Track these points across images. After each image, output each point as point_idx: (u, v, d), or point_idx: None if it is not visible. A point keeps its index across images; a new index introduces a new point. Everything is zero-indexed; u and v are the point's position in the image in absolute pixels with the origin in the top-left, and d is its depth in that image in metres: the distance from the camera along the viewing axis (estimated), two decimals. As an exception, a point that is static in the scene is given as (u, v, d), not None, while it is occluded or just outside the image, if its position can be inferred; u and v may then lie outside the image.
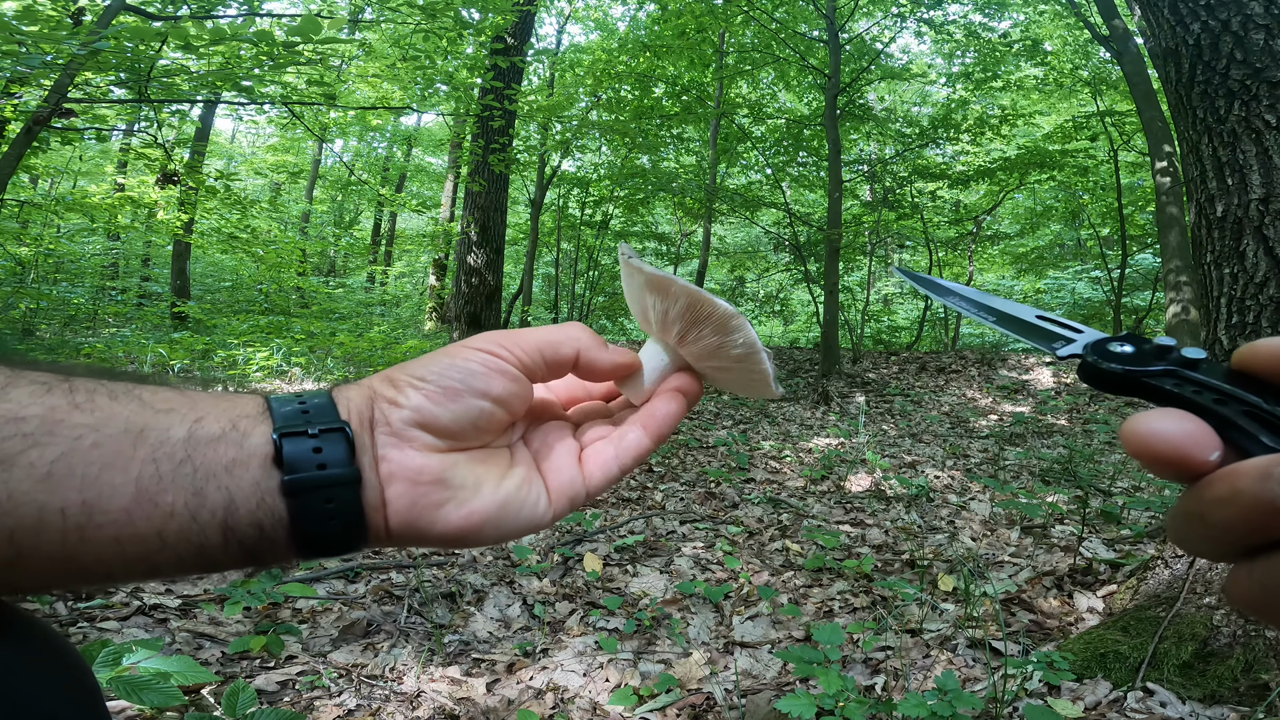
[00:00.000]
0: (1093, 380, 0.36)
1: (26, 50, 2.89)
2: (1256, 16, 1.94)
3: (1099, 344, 0.37)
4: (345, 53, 7.45)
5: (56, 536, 0.33)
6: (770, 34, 10.30)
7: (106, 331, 9.56)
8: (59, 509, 0.33)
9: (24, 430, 0.33)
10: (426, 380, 0.41)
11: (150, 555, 0.35)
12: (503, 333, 0.45)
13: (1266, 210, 1.88)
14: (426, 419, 0.40)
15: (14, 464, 0.32)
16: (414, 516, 0.40)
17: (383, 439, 0.40)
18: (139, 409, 0.36)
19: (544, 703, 1.71)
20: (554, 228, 14.37)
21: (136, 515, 0.34)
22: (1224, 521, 0.26)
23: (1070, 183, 11.05)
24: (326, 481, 0.37)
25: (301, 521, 0.37)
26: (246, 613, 1.99)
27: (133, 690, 1.20)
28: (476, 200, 7.49)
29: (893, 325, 15.28)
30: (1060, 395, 7.42)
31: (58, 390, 0.35)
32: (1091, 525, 3.08)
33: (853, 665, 1.91)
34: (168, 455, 0.35)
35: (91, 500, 0.33)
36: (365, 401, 0.41)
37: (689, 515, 3.31)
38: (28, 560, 0.33)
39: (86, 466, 0.34)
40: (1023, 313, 0.45)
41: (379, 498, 0.39)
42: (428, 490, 0.40)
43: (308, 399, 0.40)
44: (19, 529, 0.33)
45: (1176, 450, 0.28)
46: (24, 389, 0.34)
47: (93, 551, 0.34)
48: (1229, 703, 1.59)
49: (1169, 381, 0.32)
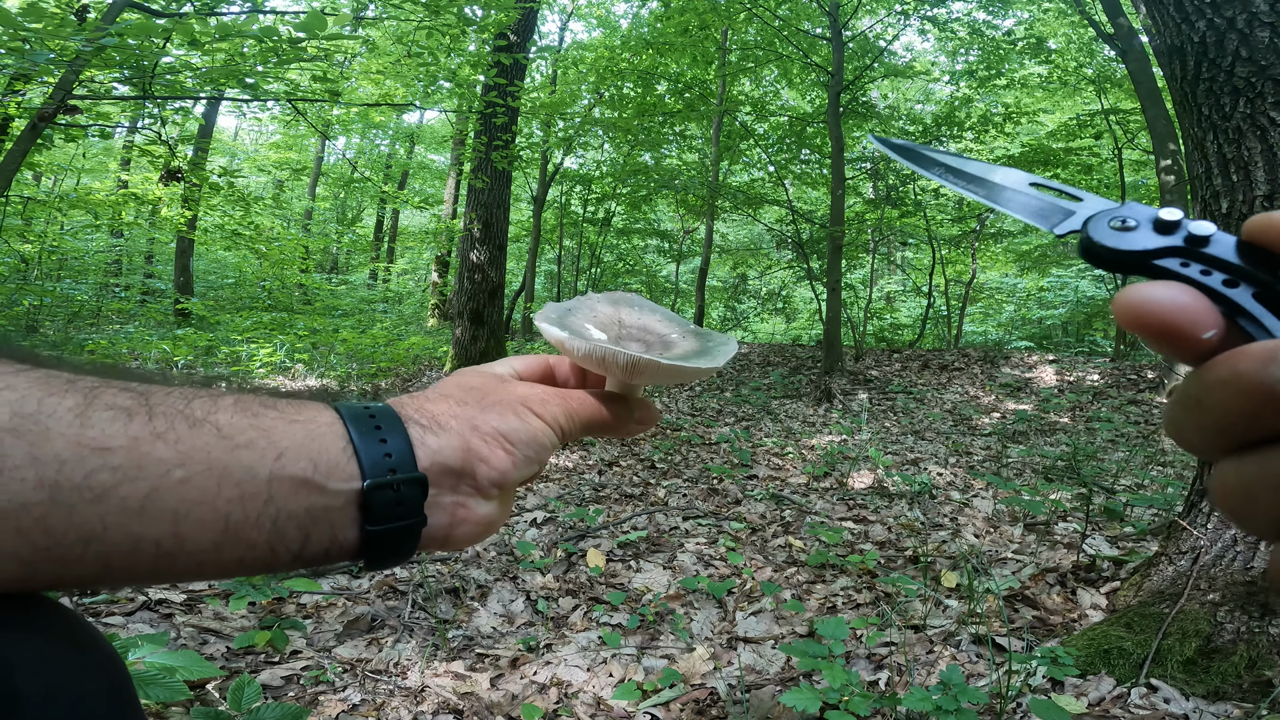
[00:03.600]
0: (1093, 259, 0.33)
1: (31, 47, 2.89)
2: (1262, 14, 1.93)
3: (1099, 217, 0.34)
4: (349, 49, 7.44)
5: (148, 561, 0.35)
6: (773, 31, 10.28)
7: (110, 328, 9.58)
8: (154, 540, 0.35)
9: (112, 464, 0.33)
10: (515, 447, 0.45)
11: (225, 572, 0.38)
12: (562, 409, 0.49)
13: (1271, 206, 1.88)
14: (507, 481, 0.44)
15: (107, 498, 0.33)
16: (462, 545, 0.45)
17: (468, 490, 0.43)
18: (218, 442, 0.37)
19: (548, 698, 1.71)
20: (556, 225, 14.37)
21: (224, 547, 0.36)
22: (1221, 405, 0.25)
23: (1074, 181, 11.02)
24: (401, 530, 0.40)
25: (367, 553, 0.40)
26: (251, 608, 2.00)
27: (138, 685, 1.20)
28: (479, 197, 7.49)
29: (895, 323, 15.26)
30: (1063, 393, 7.41)
31: (138, 417, 0.35)
32: (1094, 522, 3.08)
33: (856, 661, 1.91)
34: (253, 495, 0.37)
35: (184, 534, 0.35)
36: (457, 454, 0.43)
37: (692, 511, 3.32)
38: (115, 576, 0.35)
39: (178, 503, 0.35)
40: (1017, 181, 0.41)
41: (444, 534, 0.43)
42: (484, 530, 0.45)
43: (385, 427, 0.41)
44: (114, 554, 0.34)
45: (1167, 322, 0.26)
46: (104, 414, 0.35)
47: (176, 571, 0.37)
48: (1232, 699, 1.59)
49: (1175, 261, 0.30)
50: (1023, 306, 14.42)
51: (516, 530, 2.88)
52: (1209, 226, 0.30)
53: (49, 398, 0.34)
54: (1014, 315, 14.44)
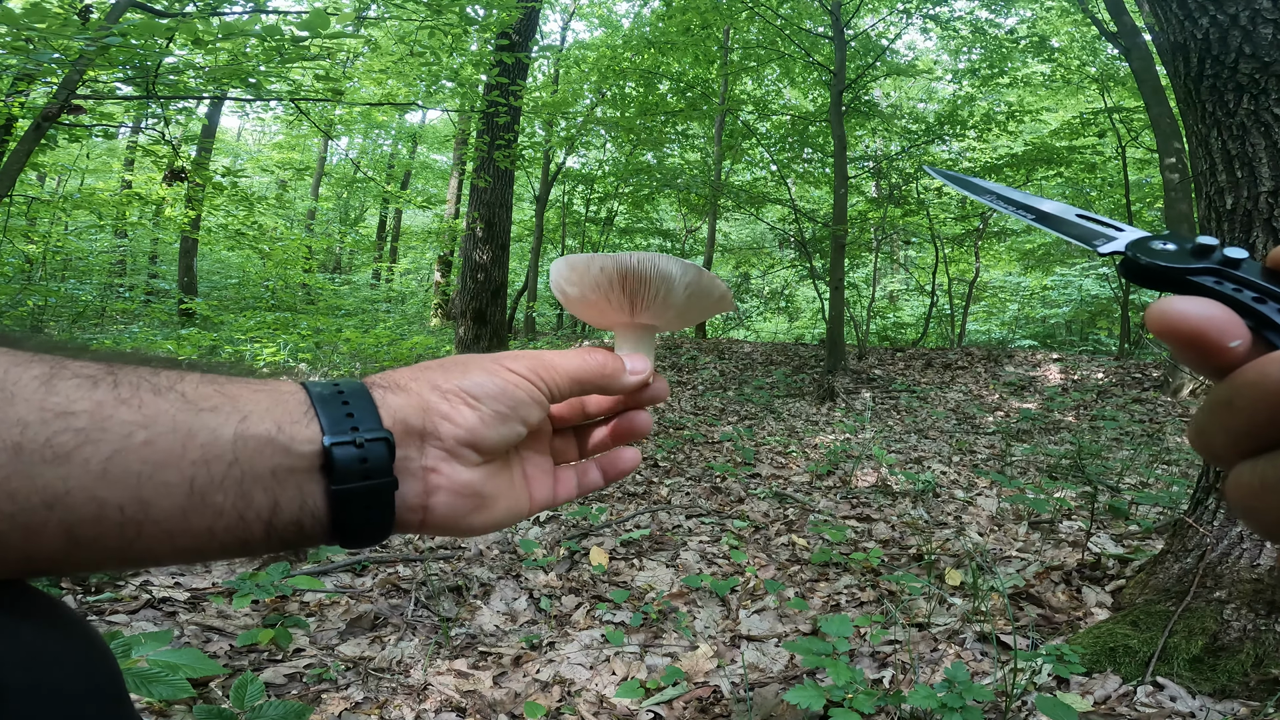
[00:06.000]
0: (1134, 276, 0.36)
1: (35, 47, 2.90)
2: (1265, 11, 1.92)
3: (1141, 241, 0.37)
4: (352, 49, 7.45)
5: (114, 530, 0.34)
6: (775, 30, 10.27)
7: (114, 328, 9.60)
8: (117, 505, 0.34)
9: (75, 425, 0.33)
10: (480, 401, 0.43)
11: (199, 547, 0.37)
12: (538, 360, 0.47)
13: (1276, 203, 1.87)
14: (478, 439, 0.43)
15: (70, 459, 0.33)
16: (448, 521, 0.43)
17: (434, 452, 0.42)
18: (183, 406, 0.36)
19: (551, 695, 1.71)
20: (559, 224, 14.38)
21: (190, 513, 0.36)
22: (1250, 406, 0.26)
23: (1078, 179, 10.99)
24: (369, 490, 0.39)
25: (340, 522, 0.39)
26: (254, 606, 2.00)
27: (142, 683, 1.20)
28: (482, 196, 7.49)
29: (898, 321, 15.23)
30: (1068, 392, 7.39)
31: (103, 384, 0.35)
32: (1099, 520, 3.07)
33: (860, 658, 1.91)
34: (218, 456, 0.36)
35: (148, 498, 0.35)
36: (416, 411, 0.42)
37: (695, 510, 3.31)
38: (86, 550, 0.34)
39: (141, 465, 0.34)
40: (1064, 211, 0.45)
41: (420, 502, 0.42)
42: (467, 500, 0.43)
43: (348, 393, 0.41)
44: (78, 523, 0.33)
45: (1196, 330, 0.28)
46: (69, 381, 0.35)
47: (146, 544, 0.35)
48: (1239, 697, 1.59)
49: (1210, 279, 0.33)
50: (1026, 305, 14.39)
51: (519, 528, 2.88)
52: (1242, 252, 0.33)
53: (14, 368, 0.34)
54: (1018, 314, 14.41)
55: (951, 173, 0.55)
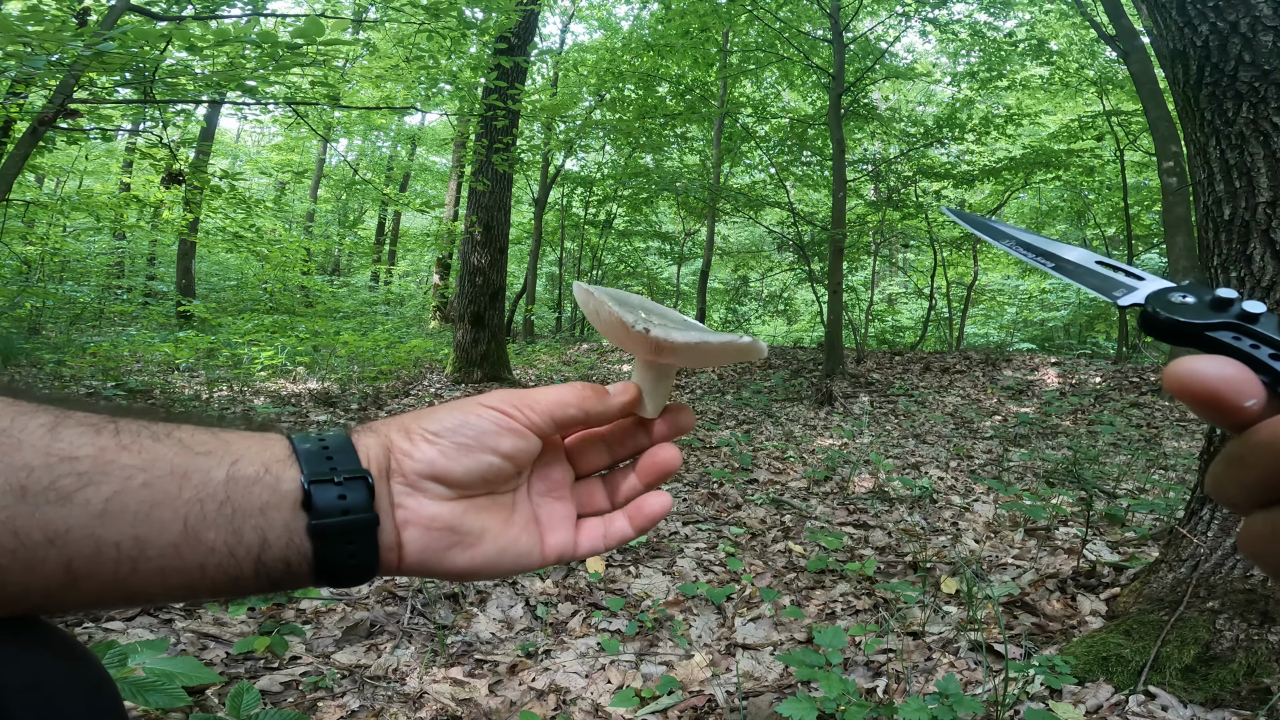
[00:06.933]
0: (1153, 330, 0.36)
1: (32, 50, 2.90)
2: (1265, 19, 1.93)
3: (1160, 294, 0.37)
4: (350, 52, 7.46)
5: (110, 566, 0.36)
6: (774, 33, 10.28)
7: (112, 330, 9.59)
8: (114, 542, 0.36)
9: (78, 469, 0.36)
10: (440, 436, 0.44)
11: (191, 584, 0.39)
12: (515, 393, 0.47)
13: (1274, 214, 1.87)
14: (439, 472, 0.44)
15: (71, 500, 0.35)
16: (425, 558, 0.44)
17: (399, 488, 0.43)
18: (180, 450, 0.39)
19: (546, 704, 1.71)
20: (558, 227, 14.39)
21: (184, 550, 0.38)
22: (1263, 464, 0.27)
23: (1076, 182, 11.02)
24: (349, 526, 0.40)
25: (324, 559, 0.41)
26: (251, 613, 2.00)
27: (138, 691, 1.21)
28: (480, 199, 7.50)
29: (897, 325, 15.26)
30: (1065, 396, 7.40)
31: (105, 431, 0.38)
32: (1095, 527, 3.07)
33: (854, 668, 1.91)
34: (210, 495, 0.38)
35: (144, 535, 0.37)
36: (382, 451, 0.44)
37: (692, 516, 3.32)
38: (82, 585, 0.36)
39: (139, 504, 0.37)
40: (1083, 258, 0.45)
41: (395, 539, 0.43)
42: (440, 535, 0.44)
43: (329, 440, 0.43)
44: (77, 559, 0.36)
45: (1212, 391, 0.29)
46: (73, 429, 0.37)
47: (141, 580, 0.37)
48: (1231, 706, 1.59)
49: (1228, 334, 0.33)
50: (1025, 308, 14.41)
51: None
52: (1260, 305, 0.33)
53: (21, 416, 0.36)
54: (1016, 317, 14.43)
55: (970, 214, 0.55)
